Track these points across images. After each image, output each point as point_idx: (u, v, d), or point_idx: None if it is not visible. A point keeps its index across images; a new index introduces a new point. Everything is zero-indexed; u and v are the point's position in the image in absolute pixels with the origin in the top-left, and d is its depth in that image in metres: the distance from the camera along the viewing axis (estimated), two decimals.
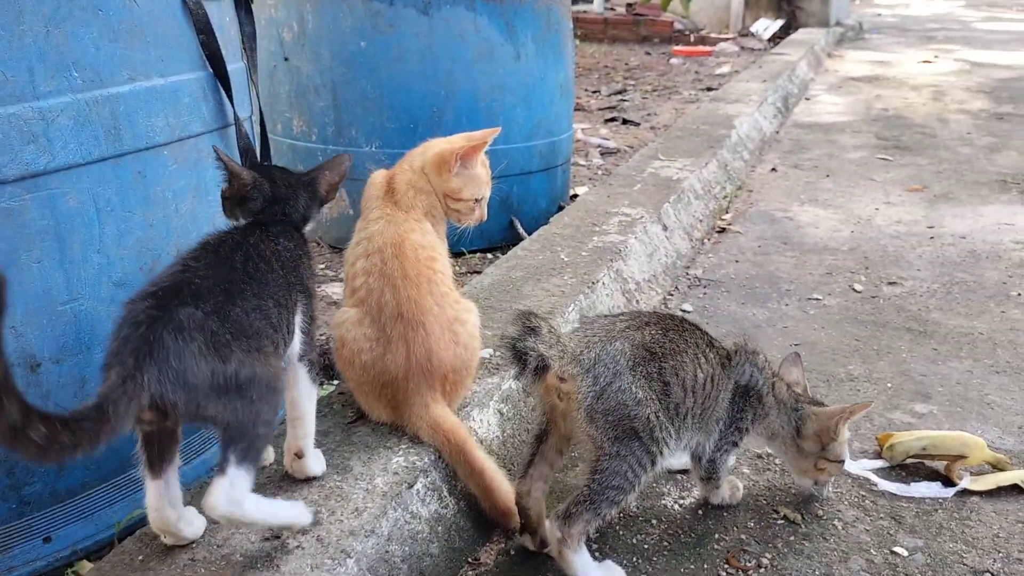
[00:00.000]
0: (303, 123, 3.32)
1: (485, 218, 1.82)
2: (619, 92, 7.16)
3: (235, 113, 1.83)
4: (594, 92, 7.19)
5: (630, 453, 1.43)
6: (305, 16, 3.21)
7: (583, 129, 5.55)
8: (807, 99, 6.48)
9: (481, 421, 1.71)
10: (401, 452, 1.54)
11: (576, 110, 6.40)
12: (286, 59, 3.31)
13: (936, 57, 8.74)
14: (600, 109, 6.41)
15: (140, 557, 1.33)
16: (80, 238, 1.53)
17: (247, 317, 1.24)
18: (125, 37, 1.58)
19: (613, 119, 5.96)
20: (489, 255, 3.24)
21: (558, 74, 3.45)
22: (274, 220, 1.47)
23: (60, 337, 1.53)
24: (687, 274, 2.92)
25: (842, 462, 1.66)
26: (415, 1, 3.09)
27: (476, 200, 1.77)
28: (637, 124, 5.87)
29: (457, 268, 3.06)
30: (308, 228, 1.54)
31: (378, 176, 1.78)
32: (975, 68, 8.00)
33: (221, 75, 1.78)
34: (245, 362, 1.20)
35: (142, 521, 1.65)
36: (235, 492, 1.19)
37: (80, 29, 1.49)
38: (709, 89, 7.04)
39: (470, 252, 3.22)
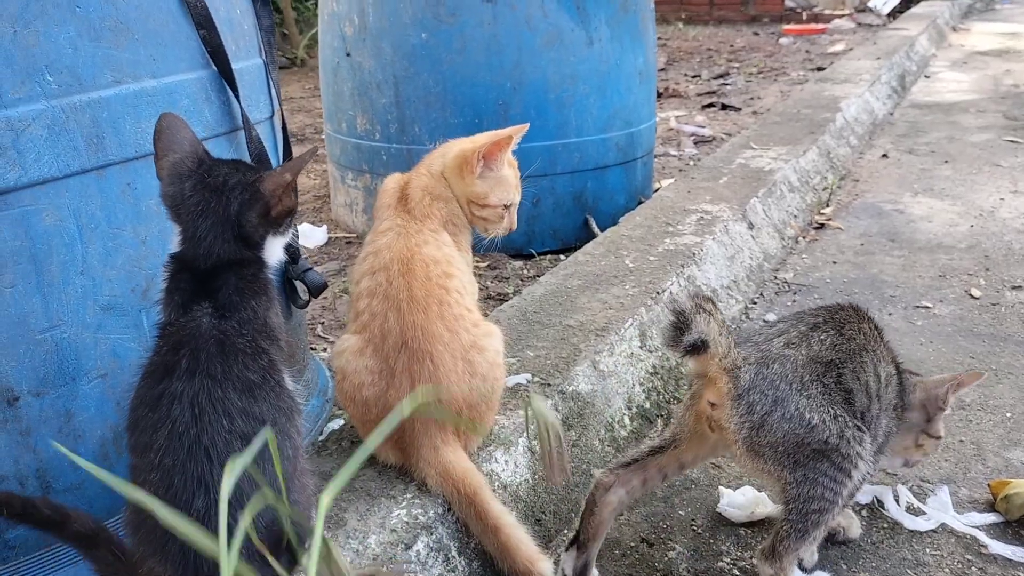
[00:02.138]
0: (366, 121, 3.18)
1: (515, 227, 1.59)
2: (721, 76, 6.79)
3: (244, 114, 1.66)
4: (694, 77, 6.84)
5: (820, 474, 1.25)
6: (366, 9, 3.06)
7: (677, 116, 5.25)
8: (927, 77, 5.94)
9: (506, 463, 1.49)
10: (405, 503, 1.33)
11: (672, 96, 6.09)
12: (348, 55, 3.17)
13: None
14: (699, 95, 6.08)
15: None
16: (60, 259, 1.39)
17: None
18: (108, 35, 1.43)
19: (711, 105, 5.62)
20: (562, 256, 3.01)
21: (636, 59, 3.19)
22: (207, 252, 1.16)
23: (40, 368, 1.39)
24: (775, 278, 2.61)
25: (940, 439, 1.46)
26: None
27: (505, 206, 1.55)
28: (738, 109, 5.51)
29: (525, 272, 2.85)
30: (270, 259, 1.20)
31: (391, 181, 1.58)
32: None
33: (226, 73, 1.62)
34: None
35: None
36: None
37: (54, 28, 1.35)
38: (819, 69, 6.58)
39: (540, 254, 3.00)
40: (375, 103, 3.12)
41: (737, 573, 1.41)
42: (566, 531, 1.51)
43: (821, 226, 3.08)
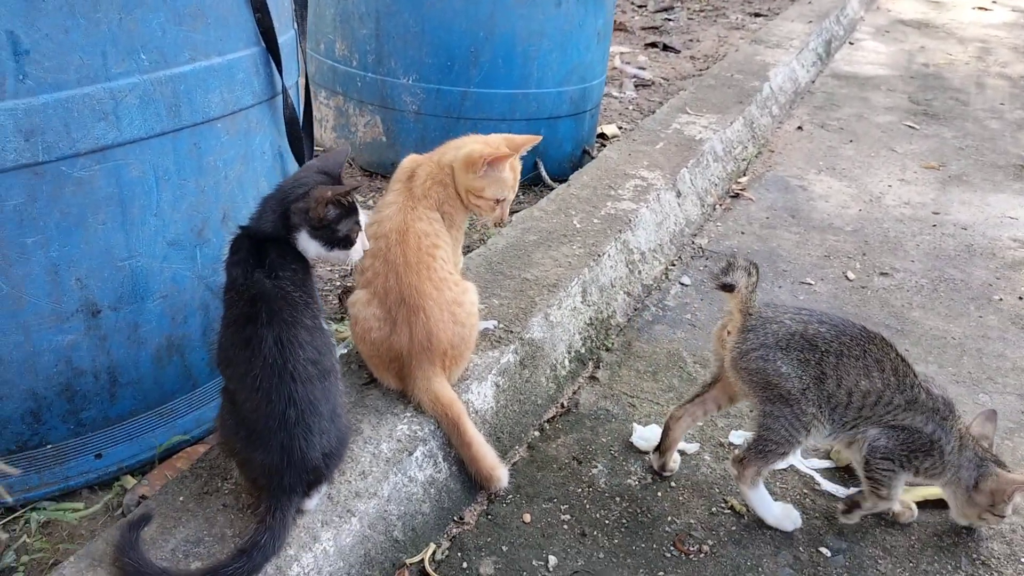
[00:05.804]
0: (345, 48, 3.43)
1: (505, 221, 1.96)
2: (665, 9, 7.09)
3: (283, 85, 1.98)
4: (640, 7, 7.11)
5: (782, 415, 1.72)
6: None
7: (621, 54, 5.58)
8: (851, 44, 6.42)
9: (479, 393, 1.93)
10: (406, 420, 1.77)
11: (617, 30, 6.37)
12: None
13: (994, 2, 8.51)
14: (643, 28, 6.37)
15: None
16: (140, 203, 1.72)
17: None
18: (189, 20, 1.72)
19: (654, 44, 5.95)
20: None
21: (597, 21, 3.52)
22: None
23: (118, 288, 1.74)
24: (693, 243, 3.08)
25: (1004, 518, 1.80)
26: None
27: (497, 200, 1.90)
28: (677, 52, 5.86)
29: None
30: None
31: (407, 162, 1.94)
32: None
33: (273, 50, 1.93)
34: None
35: (180, 445, 1.92)
36: None
37: (150, 14, 1.64)
38: (757, 15, 6.96)
39: None
40: (356, 32, 3.37)
41: (640, 488, 1.92)
42: (517, 447, 1.99)
43: (736, 195, 3.55)
